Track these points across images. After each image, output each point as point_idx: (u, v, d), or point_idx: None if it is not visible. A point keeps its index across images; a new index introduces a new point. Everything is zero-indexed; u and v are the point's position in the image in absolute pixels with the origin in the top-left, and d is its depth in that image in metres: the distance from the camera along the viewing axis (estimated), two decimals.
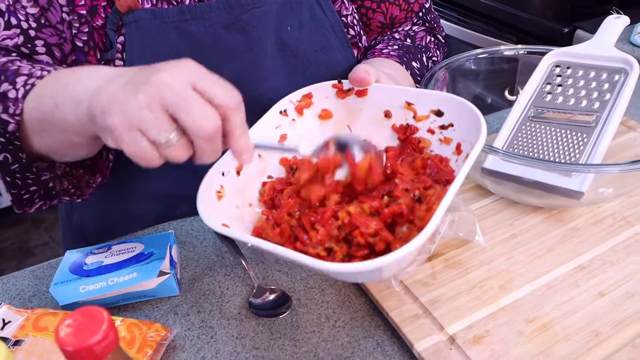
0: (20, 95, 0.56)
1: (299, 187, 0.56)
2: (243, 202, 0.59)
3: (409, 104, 0.61)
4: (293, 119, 0.64)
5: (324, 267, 0.42)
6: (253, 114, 0.59)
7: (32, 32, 0.64)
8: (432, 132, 0.60)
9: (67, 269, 0.64)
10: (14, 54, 0.64)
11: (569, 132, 0.73)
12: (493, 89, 0.90)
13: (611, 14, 0.86)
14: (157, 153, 0.45)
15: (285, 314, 0.61)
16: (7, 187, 0.63)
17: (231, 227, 0.53)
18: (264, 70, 0.72)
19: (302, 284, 0.65)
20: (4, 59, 0.61)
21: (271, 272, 0.67)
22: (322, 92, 0.65)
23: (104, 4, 0.64)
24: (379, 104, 0.64)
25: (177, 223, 0.76)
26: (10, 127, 0.56)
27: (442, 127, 0.59)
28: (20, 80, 0.57)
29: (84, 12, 0.64)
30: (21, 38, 0.64)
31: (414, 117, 0.61)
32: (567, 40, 1.35)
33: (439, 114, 0.59)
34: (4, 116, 0.56)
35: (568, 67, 0.79)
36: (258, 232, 0.56)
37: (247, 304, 0.63)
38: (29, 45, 0.64)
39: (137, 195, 0.78)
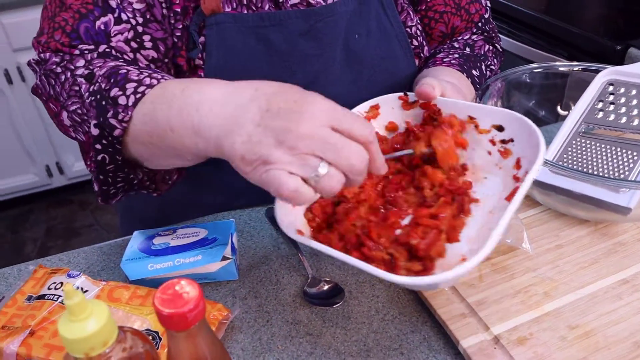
0: (130, 103, 0.57)
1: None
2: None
3: (471, 118, 0.64)
4: None
5: (391, 279, 0.46)
6: None
7: (139, 28, 0.67)
8: (493, 142, 0.63)
9: (136, 247, 0.70)
10: (120, 60, 0.66)
11: (619, 149, 0.75)
12: (545, 102, 0.91)
13: None
14: (311, 189, 0.47)
15: (338, 305, 0.65)
16: (97, 184, 0.66)
17: (305, 233, 0.57)
18: (332, 75, 0.76)
19: (354, 278, 0.69)
20: (112, 63, 0.64)
21: (324, 264, 0.71)
22: (389, 103, 0.69)
23: (193, 5, 0.69)
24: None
25: (236, 213, 0.81)
26: (116, 132, 0.58)
27: (503, 142, 0.62)
28: (130, 86, 0.58)
29: (178, 9, 0.68)
30: (131, 33, 0.67)
31: (475, 128, 0.64)
32: (619, 58, 1.35)
33: (500, 129, 0.62)
34: (113, 121, 0.58)
35: (621, 86, 0.81)
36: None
37: (302, 293, 0.67)
38: (138, 40, 0.67)
39: (203, 187, 0.82)
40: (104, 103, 0.59)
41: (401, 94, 0.68)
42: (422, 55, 0.83)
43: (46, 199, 2.78)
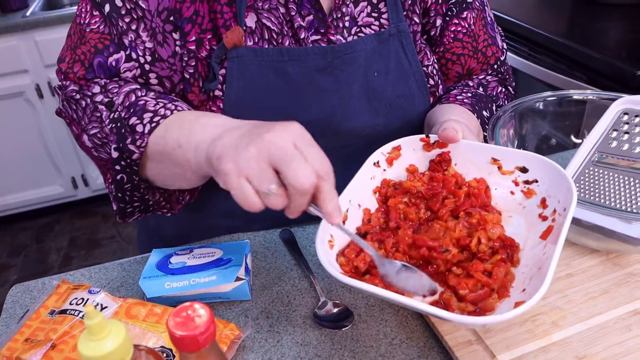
0: (146, 131, 0.65)
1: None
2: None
3: (494, 160, 0.66)
4: (384, 170, 0.70)
5: (449, 317, 0.48)
6: (336, 149, 0.66)
7: (147, 66, 0.72)
8: (516, 183, 0.65)
9: (154, 265, 0.72)
10: (135, 84, 0.72)
11: (632, 179, 0.75)
12: (559, 129, 0.92)
13: None
14: (259, 200, 0.52)
15: (347, 327, 0.66)
16: (116, 202, 0.72)
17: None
18: (349, 109, 0.77)
19: (363, 301, 0.70)
20: (127, 89, 0.70)
21: (335, 287, 0.73)
22: (410, 145, 0.71)
23: (209, 36, 0.72)
24: (461, 158, 0.70)
25: (252, 234, 0.83)
26: (134, 156, 0.66)
27: (527, 182, 0.65)
28: (147, 116, 0.66)
29: (193, 47, 0.72)
30: (138, 71, 0.72)
31: (498, 169, 0.66)
32: (639, 84, 1.34)
33: (523, 170, 0.64)
34: (131, 146, 0.65)
35: (636, 116, 0.81)
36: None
37: (312, 315, 0.68)
38: (144, 77, 0.73)
39: (218, 211, 0.85)
40: (123, 130, 0.66)
41: (423, 135, 0.70)
42: (437, 93, 0.85)
43: (71, 210, 2.85)
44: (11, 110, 2.44)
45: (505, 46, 0.94)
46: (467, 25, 0.85)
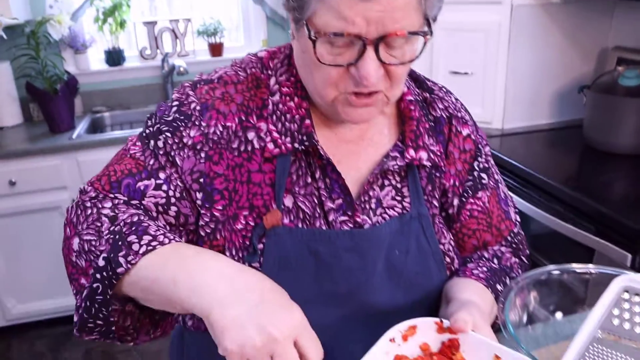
0: (141, 252, 0.70)
1: None
2: None
3: (497, 357, 0.73)
4: (399, 345, 0.76)
5: None
6: (359, 319, 0.73)
7: (173, 199, 0.81)
8: None
9: None
10: (141, 211, 0.78)
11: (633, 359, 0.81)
12: (563, 302, 0.98)
13: None
14: None
15: None
16: (80, 310, 0.74)
17: None
18: (372, 286, 0.85)
19: None
20: (133, 211, 0.77)
21: None
22: (425, 325, 0.78)
23: (245, 213, 0.82)
24: (470, 346, 0.76)
25: None
26: (119, 270, 0.69)
27: None
28: (145, 238, 0.71)
29: (217, 214, 0.81)
30: (163, 200, 0.80)
31: None
32: None
33: None
34: (122, 260, 0.69)
35: (636, 294, 0.88)
36: None
37: None
38: (165, 207, 0.80)
39: None
40: (120, 243, 0.71)
41: (437, 319, 0.77)
42: (453, 267, 0.93)
43: None
44: (45, 222, 2.58)
45: (518, 218, 1.02)
46: (482, 204, 0.95)
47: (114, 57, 3.04)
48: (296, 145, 0.83)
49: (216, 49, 3.19)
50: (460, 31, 2.26)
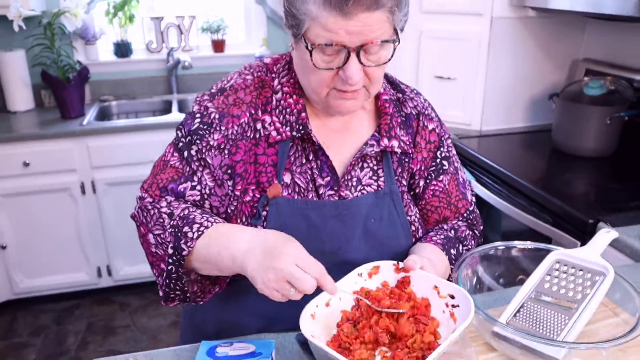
0: (195, 237, 0.96)
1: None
2: (327, 324, 0.94)
3: (435, 287, 0.96)
4: (365, 280, 1.00)
5: None
6: (341, 271, 0.95)
7: (205, 195, 1.05)
8: (447, 305, 0.95)
9: (205, 353, 0.98)
10: (190, 203, 1.05)
11: (556, 313, 1.03)
12: (506, 271, 1.20)
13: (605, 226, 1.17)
14: (283, 296, 0.86)
15: None
16: (163, 287, 1.02)
17: (316, 337, 0.87)
18: (352, 246, 1.07)
19: None
20: (183, 206, 1.02)
21: None
22: (386, 266, 1.02)
23: (252, 187, 1.04)
24: (417, 282, 1.00)
25: (275, 335, 1.10)
26: (184, 253, 0.96)
27: (453, 306, 0.94)
28: (195, 226, 0.97)
29: (237, 193, 1.04)
30: (198, 197, 1.05)
31: (437, 294, 0.95)
32: (591, 229, 1.64)
33: (452, 297, 0.94)
34: (183, 246, 0.96)
35: (565, 264, 1.10)
36: (335, 346, 0.90)
37: None
38: (201, 202, 1.05)
39: (250, 312, 1.12)
40: (179, 234, 0.97)
41: (396, 262, 1.01)
42: (417, 235, 1.15)
43: (91, 296, 3.06)
44: (55, 202, 2.76)
45: (474, 200, 1.25)
46: (442, 186, 1.17)
47: (122, 49, 3.23)
48: (294, 133, 1.04)
49: (218, 46, 3.39)
50: (444, 40, 2.48)
